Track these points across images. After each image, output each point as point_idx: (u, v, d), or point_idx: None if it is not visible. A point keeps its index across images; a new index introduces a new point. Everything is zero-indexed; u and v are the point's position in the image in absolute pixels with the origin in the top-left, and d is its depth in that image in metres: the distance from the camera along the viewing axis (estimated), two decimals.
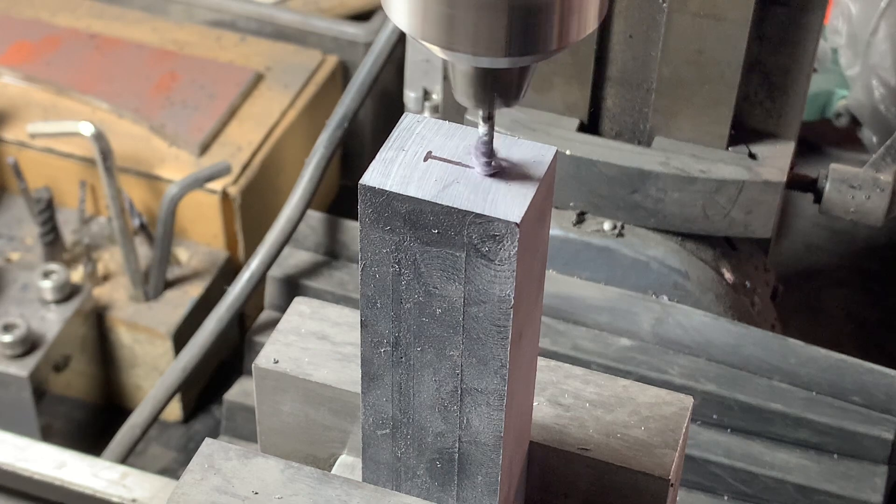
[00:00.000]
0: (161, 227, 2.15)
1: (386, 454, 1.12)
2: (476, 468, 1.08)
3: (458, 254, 0.97)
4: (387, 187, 0.96)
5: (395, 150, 0.99)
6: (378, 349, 1.05)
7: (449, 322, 1.01)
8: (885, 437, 1.75)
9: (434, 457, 1.10)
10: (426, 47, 0.91)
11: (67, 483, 1.69)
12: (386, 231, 0.98)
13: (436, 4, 0.88)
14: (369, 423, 1.10)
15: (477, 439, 1.07)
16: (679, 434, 1.16)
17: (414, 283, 1.00)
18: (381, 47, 2.07)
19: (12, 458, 1.72)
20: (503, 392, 1.03)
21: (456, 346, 1.02)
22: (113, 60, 2.42)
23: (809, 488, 1.74)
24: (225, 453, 1.12)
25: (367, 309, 1.03)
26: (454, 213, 0.95)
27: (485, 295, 0.98)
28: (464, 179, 0.97)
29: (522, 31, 0.88)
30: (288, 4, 2.57)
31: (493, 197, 0.96)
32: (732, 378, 1.78)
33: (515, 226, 0.94)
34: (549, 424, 1.17)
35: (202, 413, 2.29)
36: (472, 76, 0.94)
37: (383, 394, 1.08)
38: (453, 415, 1.06)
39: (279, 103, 2.39)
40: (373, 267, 1.01)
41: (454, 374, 1.03)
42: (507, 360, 1.01)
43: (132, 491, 1.67)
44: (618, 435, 1.16)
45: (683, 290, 1.86)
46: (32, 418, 2.10)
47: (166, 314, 2.20)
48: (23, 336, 2.06)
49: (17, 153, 2.29)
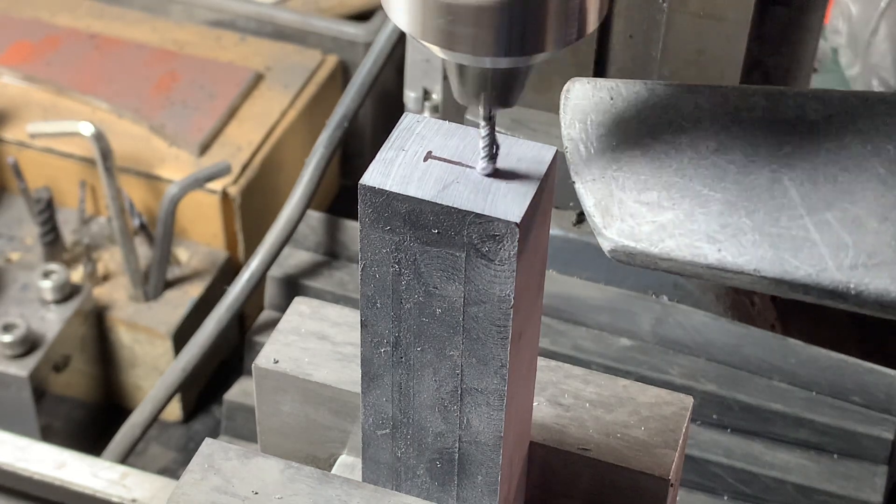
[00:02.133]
0: (161, 227, 2.15)
1: (386, 454, 1.12)
2: (476, 468, 1.08)
3: (458, 254, 0.97)
4: (387, 187, 0.96)
5: (395, 150, 0.99)
6: (378, 349, 1.05)
7: (449, 322, 1.01)
8: (885, 437, 1.75)
9: (434, 457, 1.10)
10: (426, 47, 0.91)
11: (67, 483, 1.69)
12: (386, 231, 0.98)
13: (436, 4, 0.88)
14: (369, 423, 1.10)
15: (477, 439, 1.07)
16: (679, 434, 1.16)
17: (414, 283, 1.00)
18: (381, 47, 2.07)
19: (12, 458, 1.72)
20: (503, 392, 1.03)
21: (456, 346, 1.02)
22: (113, 60, 2.42)
23: (809, 488, 1.74)
24: (225, 453, 1.12)
25: (367, 309, 1.03)
26: (454, 212, 0.95)
27: (485, 295, 0.98)
28: (464, 179, 0.97)
29: (522, 31, 0.88)
30: (288, 4, 2.57)
31: (493, 197, 0.96)
32: (732, 378, 1.78)
33: (515, 226, 0.94)
34: (549, 424, 1.17)
35: (202, 413, 2.29)
36: (472, 76, 0.94)
37: (383, 394, 1.08)
38: (453, 415, 1.06)
39: (279, 103, 2.39)
40: (373, 267, 1.01)
41: (454, 374, 1.04)
42: (507, 359, 1.01)
43: (132, 491, 1.67)
44: (618, 435, 1.16)
45: (683, 290, 1.86)
46: (32, 418, 2.10)
47: (166, 314, 2.20)
48: (23, 336, 2.06)
49: (17, 153, 2.29)
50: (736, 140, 0.93)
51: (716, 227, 0.91)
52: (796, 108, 0.93)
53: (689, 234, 0.91)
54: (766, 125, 0.93)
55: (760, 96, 0.94)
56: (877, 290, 0.87)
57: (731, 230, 0.90)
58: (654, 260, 0.92)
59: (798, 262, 0.89)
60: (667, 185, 0.93)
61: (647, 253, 0.92)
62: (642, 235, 0.92)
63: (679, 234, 0.92)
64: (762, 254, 0.90)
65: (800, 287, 0.89)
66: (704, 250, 0.91)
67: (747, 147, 0.93)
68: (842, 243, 0.89)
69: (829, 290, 0.89)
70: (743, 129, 0.93)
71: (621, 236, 0.93)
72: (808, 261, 0.89)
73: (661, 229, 0.92)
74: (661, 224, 0.92)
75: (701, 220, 0.91)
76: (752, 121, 0.94)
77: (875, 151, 0.90)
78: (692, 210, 0.92)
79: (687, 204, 0.92)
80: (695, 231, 0.91)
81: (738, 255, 0.90)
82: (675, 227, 0.92)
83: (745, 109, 0.94)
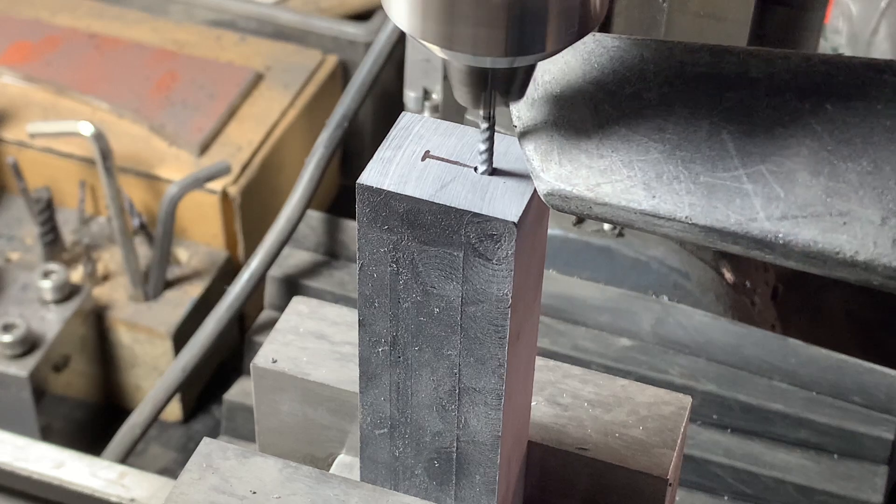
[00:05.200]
0: (161, 227, 2.15)
1: (384, 453, 1.12)
2: (474, 468, 1.08)
3: (455, 253, 0.97)
4: (384, 186, 0.96)
5: (393, 150, 0.99)
6: (376, 348, 1.05)
7: (447, 321, 1.01)
8: (885, 437, 1.74)
9: (432, 456, 1.09)
10: (426, 47, 0.91)
11: (66, 483, 1.69)
12: (384, 230, 0.98)
13: (436, 4, 0.88)
14: (367, 423, 1.10)
15: (475, 439, 1.07)
16: (677, 434, 1.16)
17: (412, 283, 1.00)
18: (381, 47, 2.07)
19: (11, 458, 1.72)
20: (501, 391, 1.03)
21: (454, 346, 1.02)
22: (113, 60, 2.42)
23: (810, 488, 1.74)
24: (223, 453, 1.12)
25: (364, 308, 1.03)
26: (452, 212, 0.95)
27: (482, 294, 0.98)
28: (462, 179, 0.97)
29: (522, 30, 0.88)
30: (288, 4, 2.57)
31: (490, 196, 0.96)
32: (732, 378, 1.78)
33: (513, 225, 0.94)
34: (548, 424, 1.17)
35: (202, 413, 2.29)
36: (472, 76, 0.94)
37: (381, 393, 1.08)
38: (451, 414, 1.06)
39: (279, 103, 2.39)
40: (370, 266, 1.01)
41: (452, 374, 1.04)
42: (504, 359, 1.01)
43: (130, 490, 1.66)
44: (616, 434, 1.16)
45: (683, 290, 1.86)
46: (32, 418, 2.10)
47: (166, 314, 2.20)
48: (22, 336, 2.06)
49: (17, 153, 2.29)
50: (678, 93, 0.95)
51: (652, 175, 0.92)
52: (739, 65, 0.95)
53: (625, 181, 0.92)
54: (709, 80, 0.95)
55: (705, 52, 0.95)
56: (804, 240, 0.89)
57: (667, 178, 0.92)
58: (589, 205, 0.93)
59: (730, 212, 0.91)
60: (607, 133, 0.94)
61: (583, 197, 0.93)
62: (579, 180, 0.93)
63: (616, 181, 0.93)
64: (695, 202, 0.92)
65: (729, 236, 0.91)
66: (639, 196, 0.92)
67: (689, 100, 0.94)
68: (774, 195, 0.90)
69: (758, 240, 0.90)
70: (686, 82, 0.95)
71: (558, 180, 0.94)
72: (739, 210, 0.91)
73: (598, 174, 0.93)
74: (599, 170, 0.94)
75: (638, 168, 0.93)
76: (695, 75, 0.95)
77: (812, 110, 0.92)
78: (630, 158, 0.93)
79: (625, 152, 0.94)
80: (631, 178, 0.93)
81: (672, 202, 0.91)
82: (612, 173, 0.93)
83: (690, 64, 0.95)
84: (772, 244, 0.90)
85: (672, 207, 0.92)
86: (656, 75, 0.96)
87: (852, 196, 0.90)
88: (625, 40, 0.98)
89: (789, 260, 0.90)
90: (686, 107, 0.95)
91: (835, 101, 0.93)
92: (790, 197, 0.91)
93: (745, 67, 0.95)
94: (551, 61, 0.98)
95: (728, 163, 0.92)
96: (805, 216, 0.90)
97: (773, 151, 0.92)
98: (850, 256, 0.89)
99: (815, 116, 0.92)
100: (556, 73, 0.98)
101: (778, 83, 0.94)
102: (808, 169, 0.91)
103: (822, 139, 0.92)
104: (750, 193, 0.91)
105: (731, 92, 0.94)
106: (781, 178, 0.91)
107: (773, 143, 0.92)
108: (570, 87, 0.97)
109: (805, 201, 0.90)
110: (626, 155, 0.94)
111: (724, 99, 0.94)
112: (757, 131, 0.93)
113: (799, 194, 0.91)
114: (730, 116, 0.93)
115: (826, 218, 0.90)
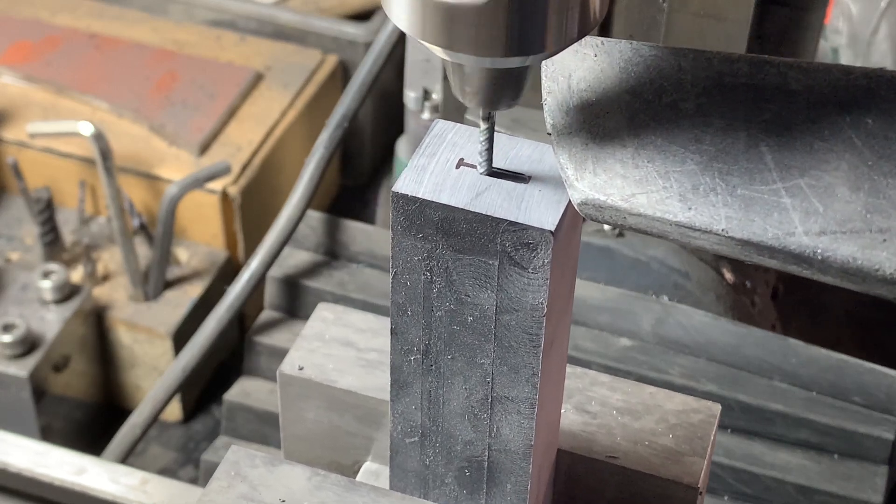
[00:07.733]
0: (161, 227, 2.15)
1: (414, 462, 1.11)
2: (505, 476, 1.08)
3: (490, 262, 0.96)
4: (419, 195, 0.96)
5: (427, 157, 0.98)
6: (408, 357, 1.04)
7: (480, 330, 1.00)
8: (885, 438, 1.75)
9: (463, 465, 1.09)
10: (426, 47, 0.91)
11: (87, 489, 1.67)
12: (418, 238, 0.97)
13: (436, 4, 0.88)
14: (398, 431, 1.10)
15: (507, 448, 1.06)
16: (707, 442, 1.16)
17: (445, 291, 0.99)
18: (381, 47, 2.07)
19: (31, 463, 1.70)
20: (534, 400, 1.02)
21: (487, 355, 1.01)
22: (113, 60, 2.42)
23: (810, 488, 1.74)
24: (251, 461, 1.11)
25: (397, 316, 1.03)
26: (487, 220, 0.95)
27: (517, 303, 0.97)
28: (497, 187, 0.96)
29: (522, 30, 0.88)
30: (288, 4, 2.57)
31: (526, 205, 0.95)
32: (733, 378, 1.78)
33: (550, 234, 0.93)
34: (577, 432, 1.16)
35: (202, 413, 2.29)
36: (471, 76, 0.93)
37: (412, 402, 1.07)
38: (483, 423, 1.05)
39: (279, 103, 2.39)
40: (404, 274, 1.00)
41: (485, 383, 1.03)
42: (538, 368, 1.00)
43: (152, 497, 1.65)
44: (646, 443, 1.15)
45: (684, 290, 1.86)
46: (32, 418, 2.10)
47: (166, 314, 2.20)
48: (22, 336, 2.06)
49: (17, 153, 2.29)
50: (716, 104, 0.93)
51: (689, 186, 0.91)
52: (779, 77, 0.94)
53: (660, 192, 0.91)
54: (748, 91, 0.94)
55: (744, 63, 0.94)
56: (843, 256, 0.88)
57: (704, 190, 0.91)
58: (624, 215, 0.92)
59: (767, 225, 0.89)
60: (644, 143, 0.93)
61: (617, 207, 0.92)
62: (613, 190, 0.92)
63: (651, 192, 0.92)
64: (732, 214, 0.90)
65: (766, 250, 0.90)
66: (674, 208, 0.91)
67: (727, 111, 0.93)
68: (812, 209, 0.89)
69: (796, 255, 0.89)
70: (724, 93, 0.94)
71: (593, 189, 0.92)
72: (777, 224, 0.89)
73: (633, 185, 0.92)
74: (635, 180, 0.92)
75: (674, 179, 0.91)
76: (733, 86, 0.94)
77: (853, 123, 0.91)
78: (666, 169, 0.92)
79: (662, 163, 0.92)
80: (667, 189, 0.91)
81: (708, 215, 0.90)
82: (647, 184, 0.92)
83: (728, 75, 0.94)
84: (810, 259, 0.89)
85: (708, 220, 0.90)
86: (694, 85, 0.95)
87: (893, 213, 0.89)
88: (662, 49, 0.97)
89: (827, 276, 0.89)
90: (724, 118, 0.93)
91: (875, 115, 0.91)
92: (829, 212, 0.89)
93: (785, 79, 0.94)
94: (588, 69, 0.97)
95: (766, 176, 0.90)
96: (844, 232, 0.88)
97: (812, 165, 0.90)
98: (891, 274, 0.88)
99: (855, 130, 0.91)
100: (591, 81, 0.97)
101: (818, 96, 0.93)
102: (847, 184, 0.90)
103: (862, 154, 0.90)
104: (788, 207, 0.89)
105: (769, 104, 0.93)
106: (820, 192, 0.90)
107: (812, 157, 0.91)
108: (606, 95, 0.96)
109: (844, 217, 0.89)
110: (662, 165, 0.92)
111: (762, 111, 0.93)
112: (796, 144, 0.91)
113: (838, 209, 0.89)
114: (768, 128, 0.92)
115: (866, 234, 0.88)
